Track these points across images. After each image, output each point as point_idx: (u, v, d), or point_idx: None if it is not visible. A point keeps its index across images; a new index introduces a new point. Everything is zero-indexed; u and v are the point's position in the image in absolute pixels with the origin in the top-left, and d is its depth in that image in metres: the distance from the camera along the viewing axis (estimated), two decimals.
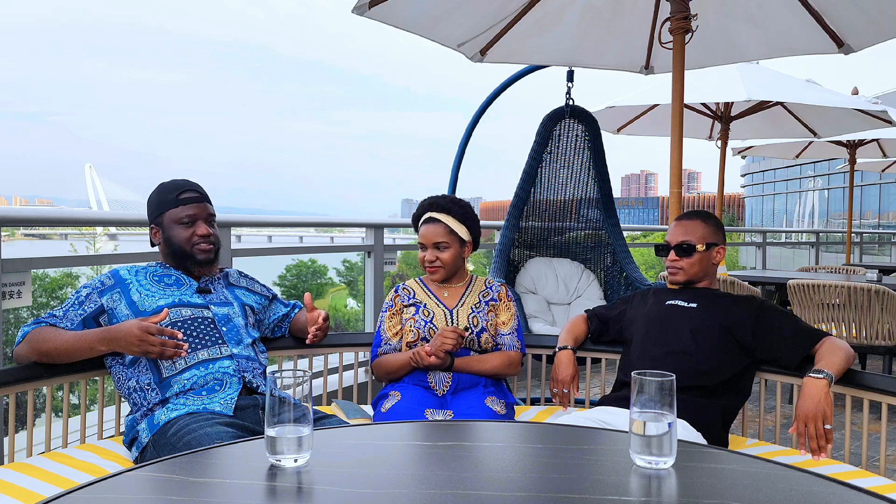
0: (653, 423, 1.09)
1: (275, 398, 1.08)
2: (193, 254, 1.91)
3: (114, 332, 1.72)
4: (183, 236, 1.90)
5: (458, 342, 1.95)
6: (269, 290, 2.18)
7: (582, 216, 3.92)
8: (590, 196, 3.89)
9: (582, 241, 3.96)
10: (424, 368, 1.99)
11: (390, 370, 2.05)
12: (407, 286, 2.18)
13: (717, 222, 2.12)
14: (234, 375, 1.80)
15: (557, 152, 3.83)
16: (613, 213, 3.92)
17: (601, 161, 3.85)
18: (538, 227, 3.92)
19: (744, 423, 2.14)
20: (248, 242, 11.56)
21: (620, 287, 3.78)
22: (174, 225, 1.91)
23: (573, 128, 3.82)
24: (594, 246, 3.95)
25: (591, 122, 3.82)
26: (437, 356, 1.94)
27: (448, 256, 2.08)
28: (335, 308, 11.05)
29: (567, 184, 3.89)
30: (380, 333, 2.12)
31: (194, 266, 1.93)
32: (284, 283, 12.73)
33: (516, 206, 3.84)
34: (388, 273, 3.83)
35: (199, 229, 1.91)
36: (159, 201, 1.93)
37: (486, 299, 2.14)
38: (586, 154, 3.84)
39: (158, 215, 1.93)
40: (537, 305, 3.69)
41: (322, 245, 4.39)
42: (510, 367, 2.09)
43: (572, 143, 3.83)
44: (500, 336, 2.11)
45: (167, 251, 1.93)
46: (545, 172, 3.85)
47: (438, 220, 2.10)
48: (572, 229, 3.94)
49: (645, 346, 2.00)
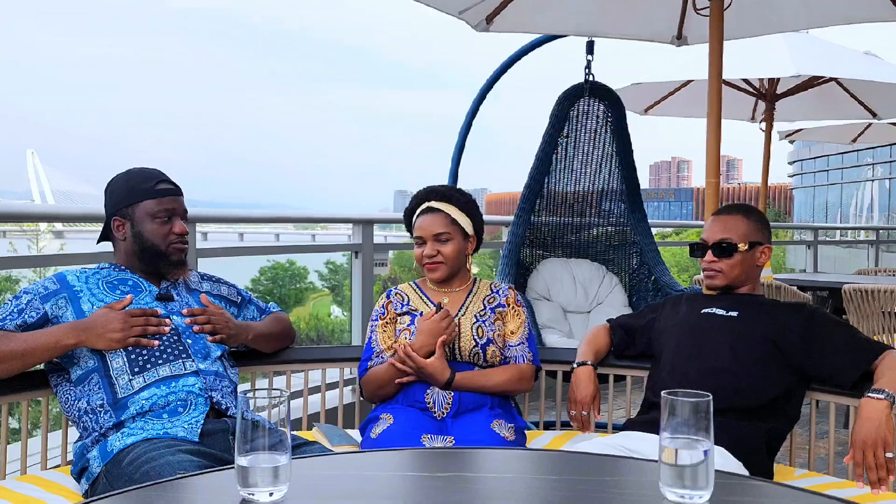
0: (686, 451, 1.09)
1: (247, 422, 1.09)
2: (168, 253, 1.93)
3: (88, 321, 1.76)
4: (158, 233, 1.92)
5: (453, 328, 1.98)
6: (239, 291, 2.20)
7: (604, 210, 3.92)
8: (613, 187, 3.88)
9: (604, 239, 3.95)
10: (418, 377, 1.99)
11: (381, 384, 2.06)
12: (400, 291, 2.19)
13: (762, 218, 2.13)
14: (201, 395, 1.81)
15: (575, 136, 3.83)
16: (640, 207, 3.91)
17: (626, 146, 3.83)
18: (553, 222, 3.92)
19: (791, 450, 2.12)
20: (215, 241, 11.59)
21: (648, 293, 3.78)
22: (148, 219, 1.91)
23: (593, 108, 3.81)
24: (618, 245, 3.94)
25: (614, 102, 3.81)
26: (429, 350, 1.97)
27: (450, 250, 2.09)
28: (317, 317, 11.07)
29: (586, 173, 3.88)
30: (370, 345, 2.13)
31: (167, 267, 1.95)
32: (258, 287, 12.77)
33: (528, 198, 3.84)
34: (379, 277, 3.86)
35: (176, 226, 1.93)
36: (130, 190, 1.93)
37: (492, 305, 2.14)
38: (609, 138, 3.83)
39: (128, 206, 1.92)
40: (552, 314, 3.68)
41: (302, 244, 4.43)
42: (521, 383, 2.09)
43: (592, 125, 3.82)
44: (509, 347, 2.12)
45: (133, 249, 1.94)
46: (561, 159, 3.84)
47: (438, 210, 2.11)
48: (592, 225, 3.94)
49: (677, 362, 2.01)
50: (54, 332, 1.76)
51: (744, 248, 2.04)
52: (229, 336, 1.98)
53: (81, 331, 1.77)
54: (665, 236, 14.97)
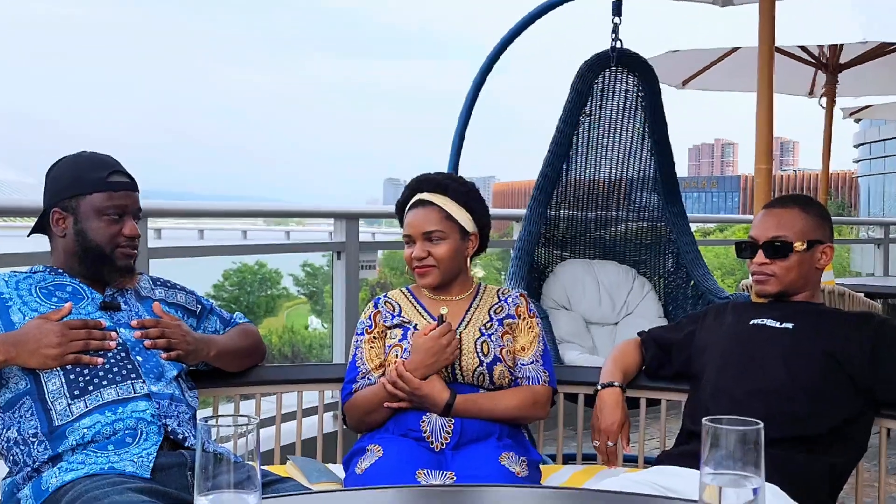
0: (732, 490, 1.09)
1: (208, 454, 1.08)
2: (114, 258, 1.93)
3: (18, 334, 1.76)
4: (105, 233, 1.92)
5: (455, 346, 1.99)
6: (199, 299, 2.21)
7: (634, 203, 3.90)
8: (644, 175, 3.86)
9: (634, 236, 3.94)
10: (413, 401, 1.99)
11: (368, 409, 2.07)
12: (390, 299, 2.20)
13: (822, 211, 2.13)
14: (153, 423, 1.81)
15: (600, 114, 3.80)
16: (678, 199, 3.90)
17: (661, 126, 3.79)
18: (573, 217, 3.91)
19: (858, 488, 2.10)
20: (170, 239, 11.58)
21: (687, 300, 3.76)
22: (95, 216, 1.91)
23: (622, 80, 3.78)
24: (651, 244, 3.93)
25: (646, 73, 3.78)
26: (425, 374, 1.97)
27: (444, 251, 2.09)
28: (292, 329, 11.06)
29: (613, 158, 3.85)
30: (355, 364, 2.13)
31: (112, 274, 1.95)
32: (222, 294, 12.75)
33: (543, 188, 3.82)
34: (366, 281, 3.89)
35: (126, 227, 1.93)
36: (77, 178, 1.93)
37: (500, 316, 2.15)
38: (640, 116, 3.80)
39: (72, 197, 1.92)
40: (572, 326, 3.68)
41: (274, 243, 4.46)
42: (535, 408, 2.10)
43: (620, 101, 3.78)
44: (520, 366, 2.12)
45: (73, 249, 1.94)
46: (583, 142, 3.82)
47: (431, 203, 2.11)
48: (620, 220, 3.92)
49: (721, 383, 2.01)
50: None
51: (801, 247, 2.04)
52: (187, 352, 1.98)
53: (11, 346, 1.76)
54: (707, 233, 15.05)
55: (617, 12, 3.73)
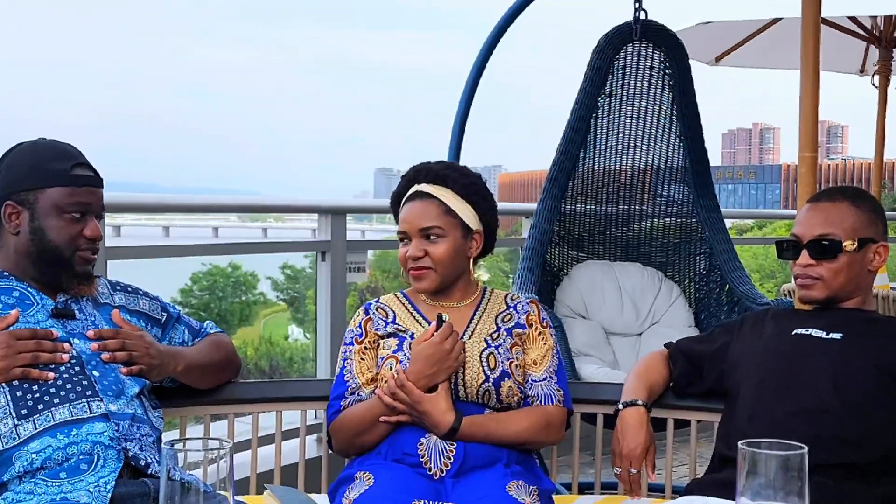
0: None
1: (174, 483, 1.09)
2: (73, 262, 1.93)
3: None
4: (65, 233, 1.91)
5: (459, 352, 2.00)
6: (164, 305, 2.20)
7: (660, 196, 3.90)
8: (672, 164, 3.86)
9: (660, 234, 3.94)
10: (412, 418, 1.99)
11: (358, 430, 2.06)
12: (383, 305, 2.20)
13: (875, 206, 2.13)
14: (111, 447, 1.80)
15: (621, 95, 3.79)
16: (710, 191, 3.89)
17: (690, 108, 3.80)
18: (591, 212, 3.90)
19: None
20: (131, 237, 11.57)
21: (721, 307, 3.76)
22: (55, 213, 1.91)
23: (646, 56, 3.77)
24: (680, 243, 3.93)
25: (674, 48, 3.78)
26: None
27: (443, 251, 2.09)
28: (270, 340, 11.03)
29: (637, 145, 3.84)
30: (343, 378, 2.13)
31: (69, 280, 1.95)
32: (190, 300, 12.71)
33: (556, 179, 3.82)
34: (355, 285, 3.91)
35: (88, 228, 1.93)
36: (35, 168, 1.93)
37: (508, 326, 2.15)
38: (667, 98, 3.80)
39: (29, 190, 1.91)
40: (590, 336, 3.68)
41: (250, 241, 4.46)
42: (547, 432, 2.10)
43: (645, 80, 3.78)
44: (531, 384, 2.12)
45: (26, 249, 1.93)
46: (602, 127, 3.81)
47: (429, 196, 2.12)
48: (645, 216, 3.93)
49: (760, 402, 2.01)
50: None
51: (851, 246, 2.04)
52: (151, 367, 1.97)
53: None
54: (744, 231, 15.05)
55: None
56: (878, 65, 5.30)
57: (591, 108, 3.80)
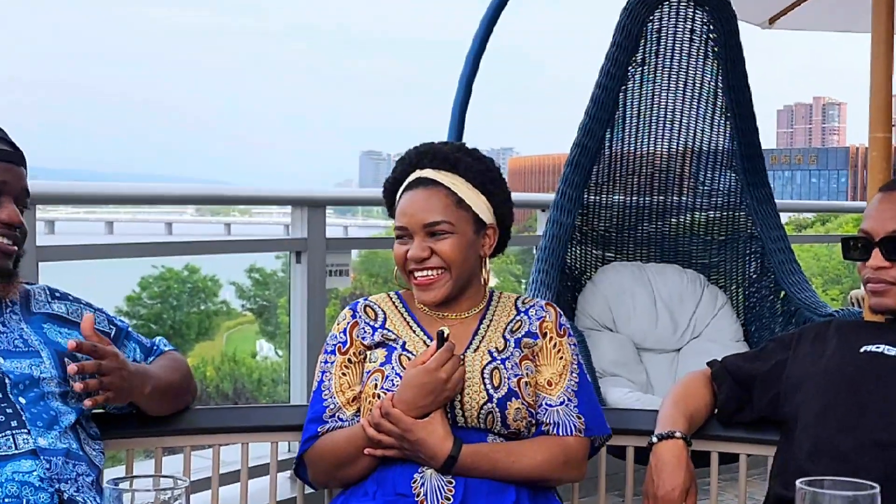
0: None
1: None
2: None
3: None
4: None
5: (460, 378, 1.73)
6: (112, 319, 1.96)
7: (703, 185, 3.61)
8: (716, 146, 3.56)
9: (703, 231, 3.67)
10: (402, 451, 1.73)
11: (339, 461, 1.80)
12: (373, 304, 1.93)
13: None
14: (42, 489, 1.60)
15: (656, 65, 3.47)
16: (763, 179, 3.61)
17: (740, 81, 3.47)
18: (620, 204, 3.62)
19: None
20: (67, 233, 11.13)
21: (775, 318, 3.52)
22: None
23: (686, 18, 3.42)
24: (726, 241, 3.65)
25: (719, 8, 3.42)
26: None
27: (453, 249, 1.80)
28: (234, 358, 10.53)
29: (674, 124, 3.53)
30: (321, 396, 1.86)
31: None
32: (138, 310, 11.91)
33: (579, 165, 3.49)
34: (336, 292, 3.65)
35: (4, 211, 1.71)
36: None
37: (518, 336, 1.86)
38: (711, 67, 3.48)
39: None
40: (618, 353, 3.40)
41: (210, 239, 4.11)
42: (566, 468, 1.83)
43: (685, 47, 3.44)
44: (546, 409, 1.84)
45: None
46: (633, 103, 3.51)
47: (436, 183, 1.83)
48: (684, 209, 3.65)
49: (823, 432, 1.80)
50: None
51: None
52: (119, 391, 1.71)
53: None
54: (803, 226, 14.53)
55: None
56: None
57: (619, 79, 3.47)
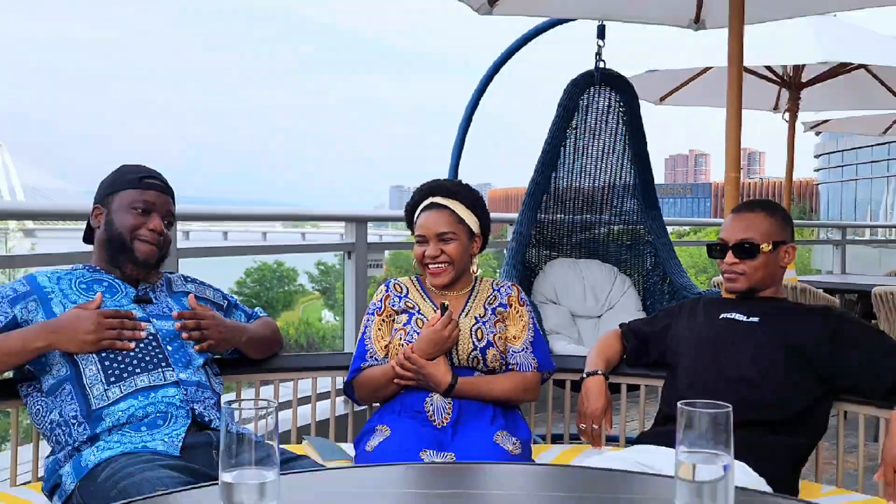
0: (705, 466, 1.10)
1: (232, 435, 1.08)
2: (133, 247, 1.91)
3: (57, 321, 1.75)
4: (128, 223, 1.91)
5: (455, 336, 1.99)
6: (225, 295, 2.20)
7: (615, 207, 3.90)
8: (626, 182, 3.88)
9: (616, 238, 3.94)
10: (419, 382, 2.00)
11: (377, 385, 2.07)
12: (399, 282, 2.20)
13: (785, 215, 2.13)
14: (182, 407, 1.80)
15: (585, 128, 3.81)
16: (655, 204, 3.90)
17: (640, 138, 3.82)
18: (561, 220, 3.91)
19: (818, 465, 2.11)
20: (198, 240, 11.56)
21: (664, 296, 3.77)
22: (124, 209, 1.92)
23: (605, 97, 3.80)
24: (631, 244, 3.93)
25: (627, 91, 3.81)
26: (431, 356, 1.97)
27: (455, 250, 2.09)
28: (307, 322, 11.07)
29: (597, 167, 3.87)
30: (363, 343, 2.12)
31: (130, 264, 1.93)
32: (243, 290, 12.80)
33: (533, 194, 3.83)
34: (374, 278, 3.85)
35: (151, 222, 1.92)
36: (114, 180, 1.96)
37: (493, 306, 2.15)
38: (621, 129, 3.82)
39: (109, 195, 1.94)
40: (559, 319, 3.67)
41: (291, 244, 4.44)
42: (525, 393, 2.10)
43: (604, 116, 3.80)
44: (512, 353, 2.12)
45: (103, 239, 1.94)
46: (570, 152, 3.83)
47: (443, 206, 2.11)
48: (603, 223, 3.93)
49: (695, 371, 2.01)
50: (22, 335, 1.76)
51: (767, 248, 2.04)
52: (220, 341, 1.98)
53: (51, 332, 1.76)
54: (682, 235, 15.05)
55: (600, 36, 3.74)
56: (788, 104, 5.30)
57: (561, 137, 3.82)
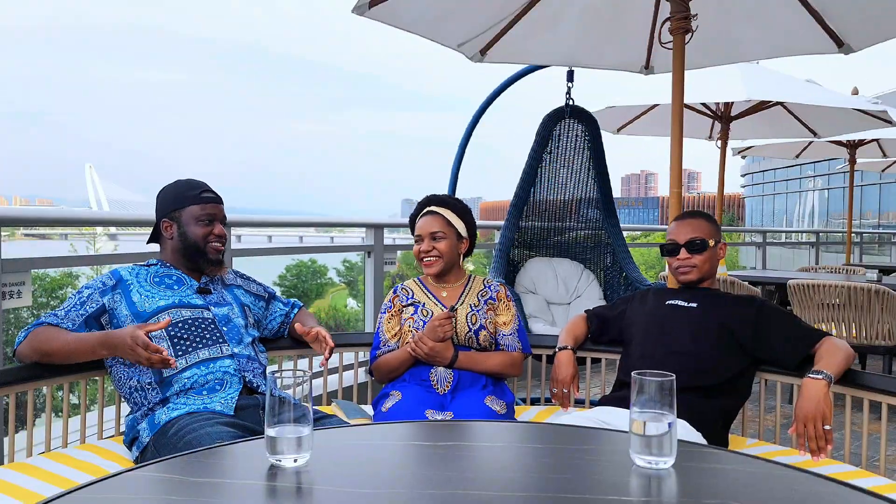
0: (653, 423, 1.09)
1: (275, 398, 1.08)
2: (207, 252, 1.91)
3: (112, 337, 1.70)
4: (199, 233, 1.90)
5: (451, 327, 1.97)
6: (266, 288, 2.18)
7: (582, 216, 3.91)
8: (590, 196, 3.87)
9: (582, 240, 3.94)
10: (427, 360, 1.99)
11: (391, 368, 2.04)
12: (406, 286, 2.18)
13: (716, 221, 2.12)
14: (235, 375, 1.80)
15: (557, 152, 3.81)
16: (613, 213, 3.90)
17: (601, 161, 3.83)
18: (538, 226, 3.90)
19: (744, 423, 2.12)
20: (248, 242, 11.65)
21: (620, 287, 3.76)
22: (193, 221, 1.91)
23: (573, 127, 3.80)
24: (594, 246, 3.92)
25: (590, 122, 3.81)
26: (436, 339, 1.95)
27: (444, 247, 2.07)
28: (335, 308, 11.10)
29: (567, 184, 3.87)
30: (379, 335, 2.12)
31: (205, 264, 1.93)
32: (284, 282, 12.84)
33: (516, 205, 3.82)
34: (388, 273, 3.82)
35: (216, 229, 1.93)
36: (177, 196, 1.93)
37: (485, 299, 2.13)
38: (586, 154, 3.82)
39: (175, 210, 1.92)
40: (537, 305, 3.66)
41: (322, 245, 4.42)
42: (512, 368, 2.09)
43: (572, 142, 3.81)
44: (502, 337, 2.11)
45: (178, 247, 1.92)
46: (545, 172, 3.83)
47: (436, 212, 2.11)
48: (572, 229, 3.92)
49: (645, 347, 2.00)
50: (92, 343, 1.71)
51: (712, 243, 2.03)
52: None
53: (110, 346, 1.70)
54: (634, 238, 14.91)
55: (570, 79, 3.75)
56: (720, 133, 5.30)
57: (538, 160, 3.81)
